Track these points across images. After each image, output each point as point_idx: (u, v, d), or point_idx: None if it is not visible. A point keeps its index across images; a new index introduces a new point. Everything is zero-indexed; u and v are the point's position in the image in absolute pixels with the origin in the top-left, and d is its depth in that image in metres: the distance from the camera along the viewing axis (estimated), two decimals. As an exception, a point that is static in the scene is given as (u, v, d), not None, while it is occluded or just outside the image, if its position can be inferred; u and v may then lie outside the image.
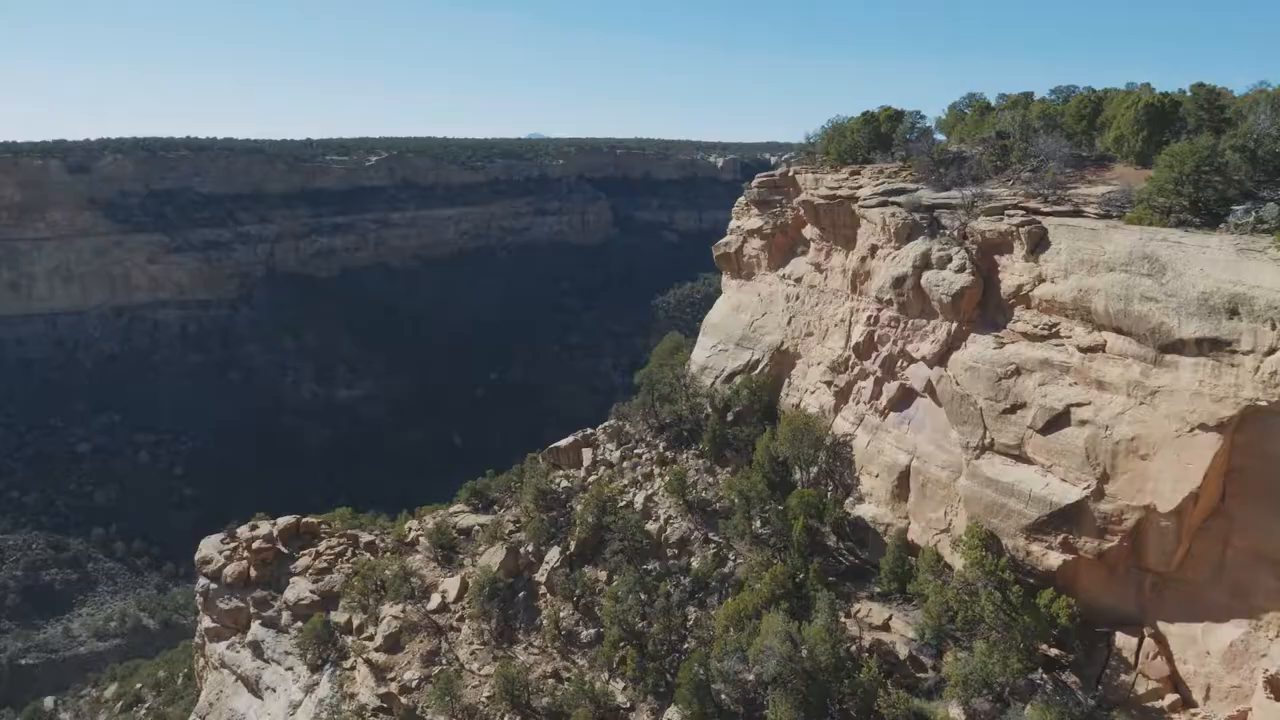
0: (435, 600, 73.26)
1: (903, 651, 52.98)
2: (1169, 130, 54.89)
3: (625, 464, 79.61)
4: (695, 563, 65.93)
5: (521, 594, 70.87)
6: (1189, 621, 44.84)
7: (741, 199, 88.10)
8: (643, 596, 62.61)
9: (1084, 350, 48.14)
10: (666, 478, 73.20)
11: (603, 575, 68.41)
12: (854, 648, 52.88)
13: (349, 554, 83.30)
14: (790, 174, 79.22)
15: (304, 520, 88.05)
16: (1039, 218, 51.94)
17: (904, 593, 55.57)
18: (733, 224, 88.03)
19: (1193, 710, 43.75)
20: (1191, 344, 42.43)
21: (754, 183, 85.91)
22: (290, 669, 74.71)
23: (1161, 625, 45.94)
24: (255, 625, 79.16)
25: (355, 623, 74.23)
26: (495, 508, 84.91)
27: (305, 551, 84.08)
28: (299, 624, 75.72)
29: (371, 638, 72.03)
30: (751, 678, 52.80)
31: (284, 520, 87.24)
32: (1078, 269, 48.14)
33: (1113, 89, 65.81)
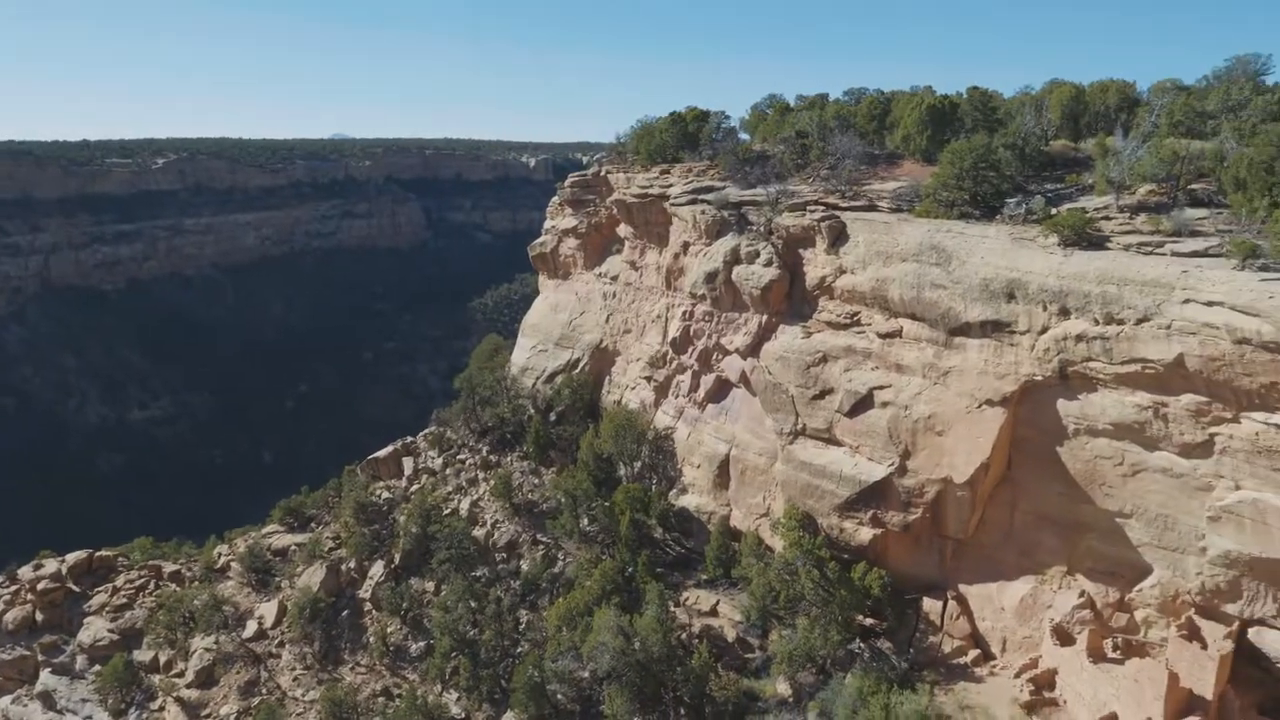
0: (251, 627, 69.75)
1: (731, 634, 54.78)
2: (949, 130, 59.36)
3: (448, 471, 78.33)
4: (525, 565, 65.64)
5: (345, 612, 68.56)
6: (985, 582, 48.76)
7: (555, 199, 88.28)
8: (473, 604, 61.80)
9: (883, 336, 51.35)
10: (492, 482, 72.56)
11: (430, 586, 67.07)
12: (685, 635, 54.18)
13: (152, 587, 78.00)
14: (602, 173, 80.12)
15: (98, 554, 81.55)
16: (838, 213, 54.98)
17: (729, 577, 57.45)
18: (547, 224, 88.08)
19: (993, 663, 47.57)
20: (976, 326, 46.09)
21: (567, 183, 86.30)
22: (89, 717, 68.86)
23: (962, 587, 49.72)
24: (44, 674, 72.42)
25: (162, 660, 69.75)
26: (312, 525, 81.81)
27: (101, 588, 77.95)
28: (97, 667, 70.05)
29: (182, 674, 67.91)
30: (587, 675, 53.10)
31: (74, 556, 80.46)
32: (874, 260, 51.25)
33: (899, 91, 70.50)
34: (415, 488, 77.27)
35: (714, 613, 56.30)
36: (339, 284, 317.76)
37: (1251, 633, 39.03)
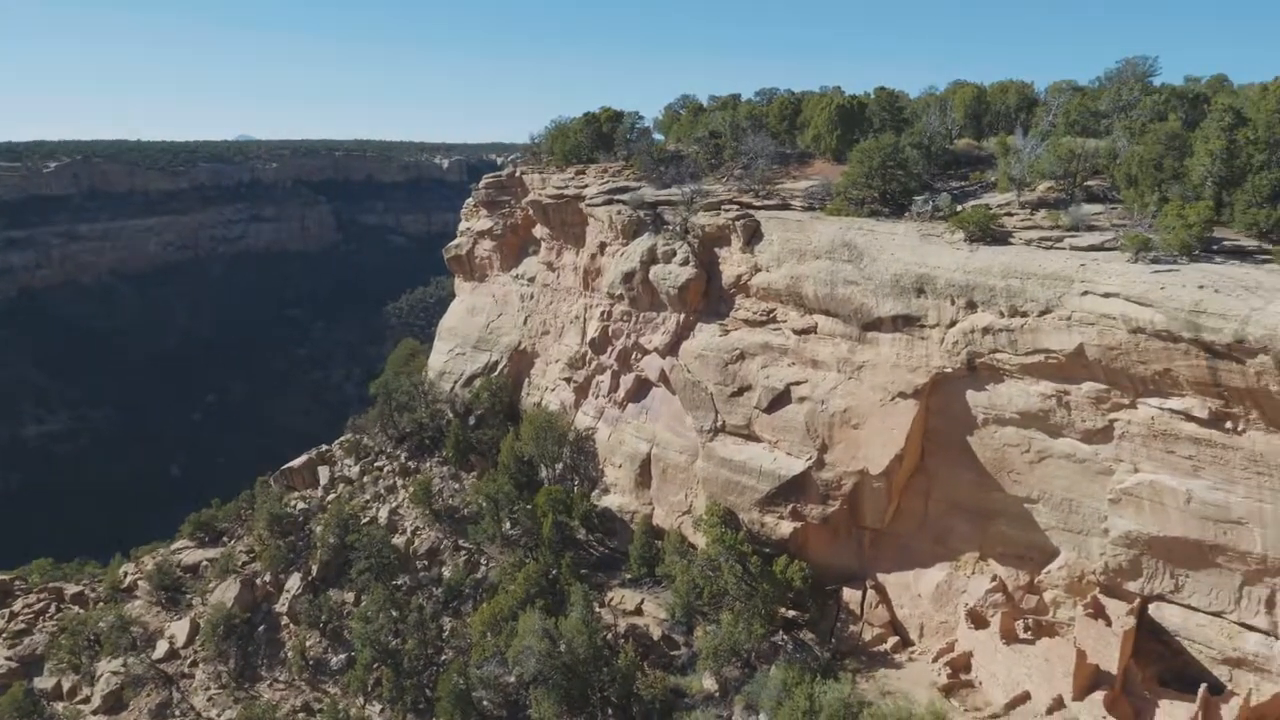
0: (162, 648, 67.31)
1: (656, 632, 55.00)
2: (858, 129, 60.62)
3: (366, 478, 76.92)
4: (447, 572, 64.83)
5: (262, 627, 66.70)
6: (902, 570, 49.99)
7: (470, 200, 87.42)
8: (394, 613, 60.77)
9: (799, 332, 52.19)
10: (411, 488, 71.47)
11: (350, 597, 65.70)
12: (610, 635, 54.16)
13: (53, 610, 74.73)
14: (517, 174, 79.61)
15: (-8, 578, 77.74)
16: (752, 212, 55.68)
17: (653, 576, 57.66)
18: (462, 226, 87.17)
19: (911, 648, 48.80)
20: (888, 321, 47.19)
21: (481, 184, 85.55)
22: (-14, 749, 65.58)
23: (881, 577, 50.88)
24: (-63, 706, 68.61)
25: (66, 686, 66.73)
26: (225, 539, 79.38)
27: (-4, 614, 74.30)
28: (-6, 697, 66.65)
29: (88, 700, 65.09)
30: (513, 679, 52.71)
31: (-34, 581, 76.51)
32: (789, 258, 52.04)
33: (809, 92, 71.72)
34: (332, 497, 75.70)
35: (639, 612, 56.45)
36: (247, 290, 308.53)
37: (1152, 608, 40.90)
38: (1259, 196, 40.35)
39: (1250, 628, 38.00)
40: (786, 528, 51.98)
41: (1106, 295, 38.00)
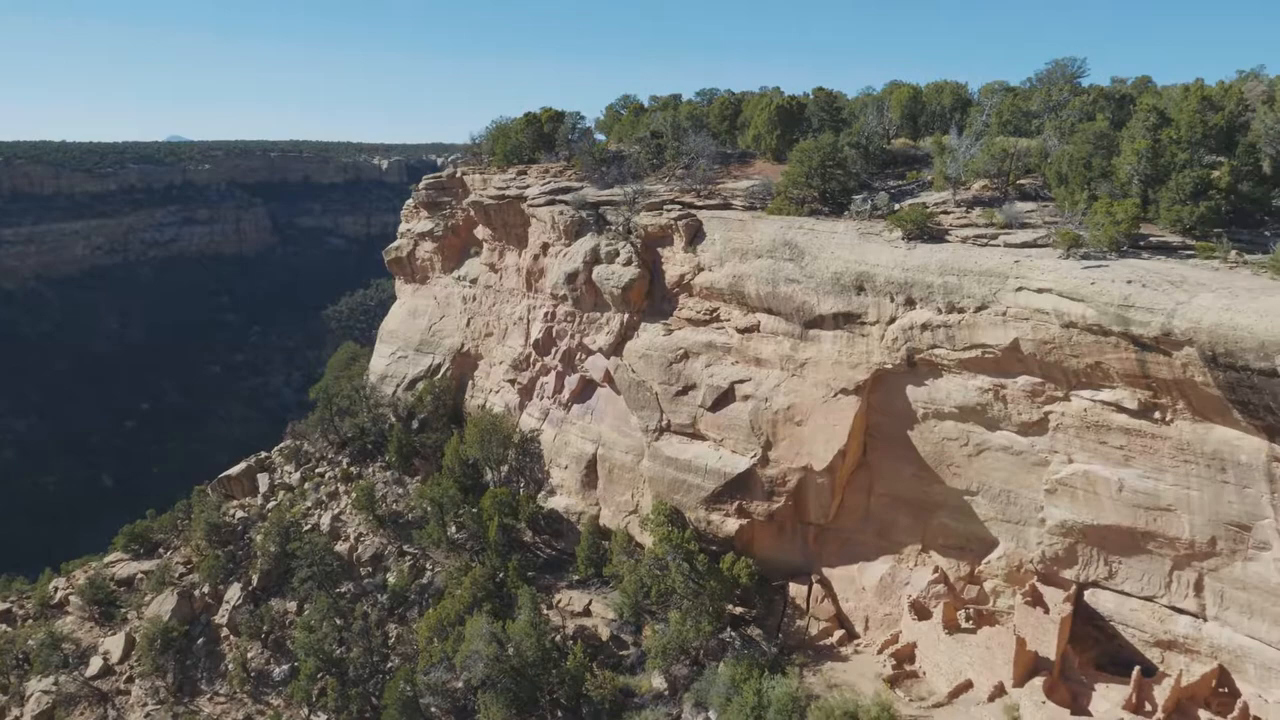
0: (96, 664, 65.25)
1: (605, 633, 54.96)
2: (798, 129, 61.27)
3: (307, 485, 75.60)
4: (392, 578, 64.00)
5: (200, 640, 65.09)
6: (847, 564, 50.68)
7: (410, 202, 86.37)
8: (338, 621, 59.82)
9: (742, 331, 52.59)
10: (353, 494, 70.40)
11: (292, 606, 64.50)
12: (559, 637, 53.92)
13: (-22, 627, 71.94)
14: (458, 175, 78.89)
15: (-87, 596, 74.72)
16: (694, 211, 55.95)
17: (601, 577, 57.60)
18: (403, 227, 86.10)
19: (857, 641, 49.49)
20: (830, 319, 47.76)
21: (422, 185, 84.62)
22: (-91, 775, 63.07)
23: (826, 571, 51.51)
24: None
25: (-6, 706, 64.57)
26: (160, 551, 77.27)
27: (-83, 633, 71.34)
28: (-83, 720, 64.15)
29: None
30: (460, 685, 52.22)
31: (-115, 600, 73.41)
32: (731, 257, 52.40)
33: (749, 92, 72.30)
34: (272, 505, 74.28)
35: (587, 613, 56.35)
36: (181, 295, 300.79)
37: (1087, 595, 42.06)
38: (1183, 194, 41.69)
39: (1180, 610, 39.32)
40: (733, 525, 52.34)
41: (1040, 291, 38.95)
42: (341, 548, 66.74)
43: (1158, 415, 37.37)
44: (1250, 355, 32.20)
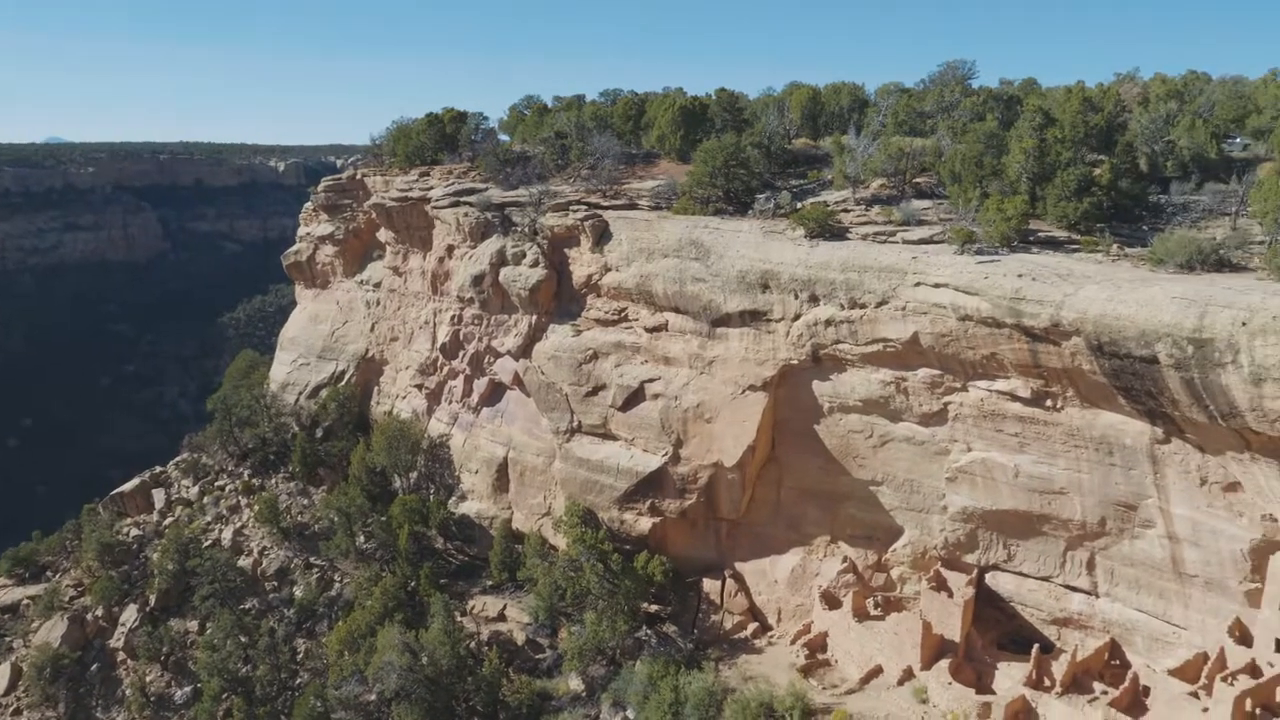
0: (-21, 696, 61.88)
1: (520, 637, 54.56)
2: (701, 129, 61.87)
3: (206, 499, 72.97)
4: (299, 591, 62.29)
5: (95, 666, 62.24)
6: (759, 558, 51.46)
7: (309, 205, 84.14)
8: (243, 639, 57.94)
9: (650, 330, 52.83)
10: (256, 507, 68.25)
11: (193, 625, 62.19)
12: (474, 644, 53.40)
13: None
14: (359, 177, 77.23)
15: None
16: (601, 212, 55.94)
17: (515, 581, 57.15)
18: (302, 231, 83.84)
19: (770, 633, 50.30)
20: (736, 316, 48.38)
21: (321, 187, 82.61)
22: None
23: (739, 565, 52.20)
24: None
25: None
26: (48, 574, 73.50)
27: None
28: None
29: (-109, 760, 59.28)
30: (374, 697, 51.13)
31: None
32: (638, 257, 52.57)
33: (653, 92, 72.76)
34: (169, 521, 71.54)
35: (502, 618, 55.87)
36: (64, 305, 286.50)
37: (988, 578, 43.67)
38: (1068, 190, 43.64)
39: (1074, 589, 41.20)
40: (646, 523, 52.59)
41: (937, 285, 40.17)
42: (245, 563, 64.65)
43: (1049, 403, 38.97)
44: (1132, 343, 33.83)
